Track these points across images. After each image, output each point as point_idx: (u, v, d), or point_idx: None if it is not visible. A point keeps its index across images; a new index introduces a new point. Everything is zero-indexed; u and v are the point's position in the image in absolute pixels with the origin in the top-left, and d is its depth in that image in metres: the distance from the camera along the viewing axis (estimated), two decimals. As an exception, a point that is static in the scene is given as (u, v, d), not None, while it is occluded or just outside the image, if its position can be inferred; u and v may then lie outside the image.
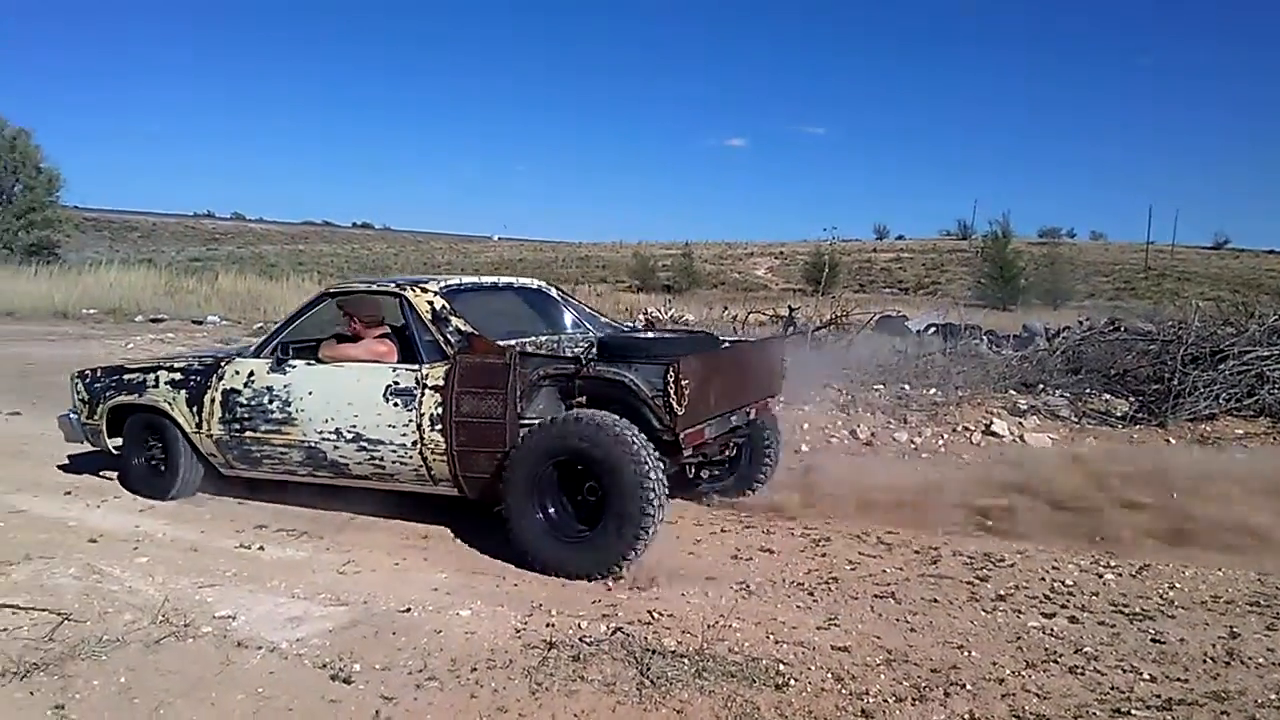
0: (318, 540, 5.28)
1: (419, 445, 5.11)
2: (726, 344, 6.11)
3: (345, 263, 49.11)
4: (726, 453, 5.82)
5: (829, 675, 3.48)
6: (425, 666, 3.53)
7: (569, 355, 5.60)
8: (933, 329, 13.47)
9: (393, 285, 5.66)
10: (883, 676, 3.48)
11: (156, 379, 6.04)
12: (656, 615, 4.11)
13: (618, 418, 4.71)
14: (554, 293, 6.84)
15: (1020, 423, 8.33)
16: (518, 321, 6.22)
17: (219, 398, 5.74)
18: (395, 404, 5.16)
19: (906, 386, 9.46)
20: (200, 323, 19.03)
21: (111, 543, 5.07)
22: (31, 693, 3.19)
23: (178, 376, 5.97)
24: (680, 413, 4.61)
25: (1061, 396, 8.95)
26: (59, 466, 6.91)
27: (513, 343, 5.30)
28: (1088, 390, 9.08)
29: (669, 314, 11.63)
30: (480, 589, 4.48)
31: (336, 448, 5.37)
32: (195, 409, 5.83)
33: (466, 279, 6.19)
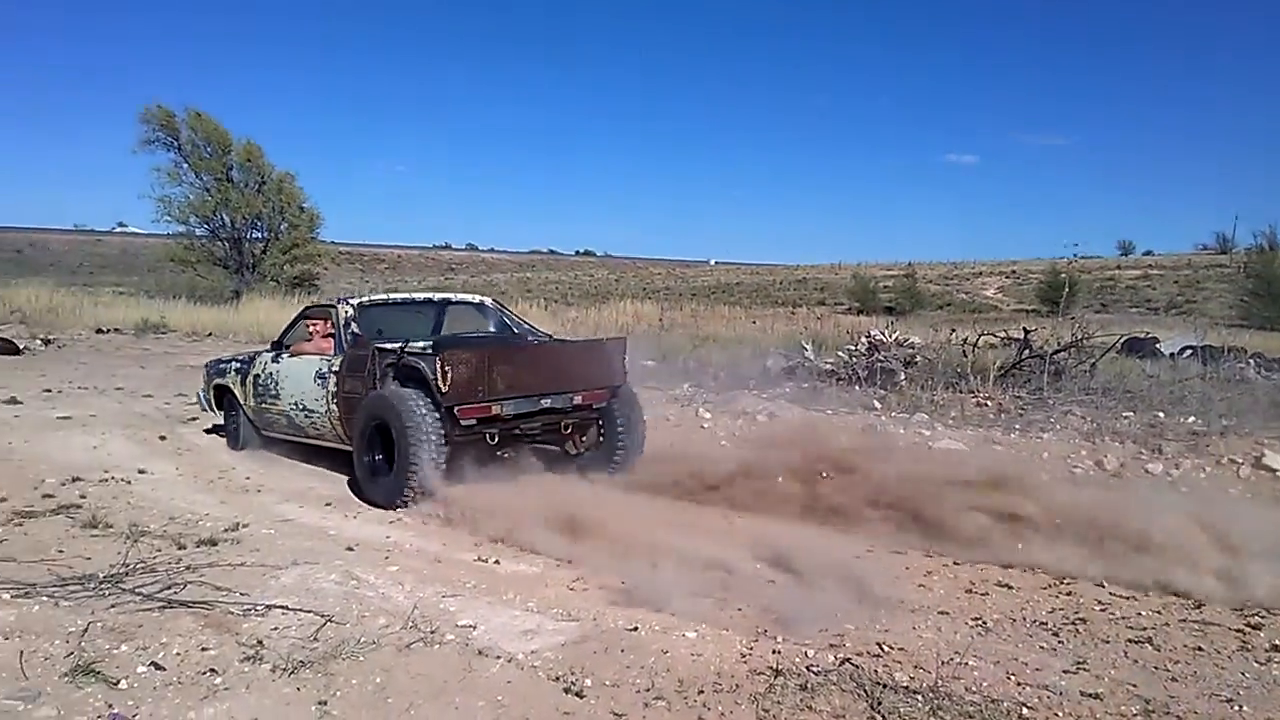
0: (549, 557, 5.48)
1: (329, 413, 7.17)
2: (535, 342, 7.95)
3: (568, 289, 51.01)
4: (567, 431, 7.19)
5: (1078, 723, 3.24)
6: (653, 686, 3.57)
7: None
8: (1189, 352, 12.39)
9: (334, 301, 7.88)
10: (1140, 729, 3.21)
11: (229, 367, 8.60)
12: (886, 648, 3.98)
13: (410, 393, 6.42)
14: (489, 304, 8.74)
15: (1298, 455, 7.48)
16: (423, 328, 8.07)
17: (251, 380, 8.18)
18: (319, 383, 7.26)
19: (1160, 414, 8.73)
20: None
21: (366, 551, 5.47)
22: (299, 688, 3.47)
23: (237, 365, 8.50)
24: (445, 390, 6.26)
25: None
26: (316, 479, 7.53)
27: (385, 344, 6.95)
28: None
29: (893, 337, 11.28)
30: (704, 612, 4.50)
31: (296, 415, 7.62)
32: (242, 388, 8.29)
33: (394, 296, 9.33)
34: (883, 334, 11.47)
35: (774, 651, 3.94)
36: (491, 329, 8.35)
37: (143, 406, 10.77)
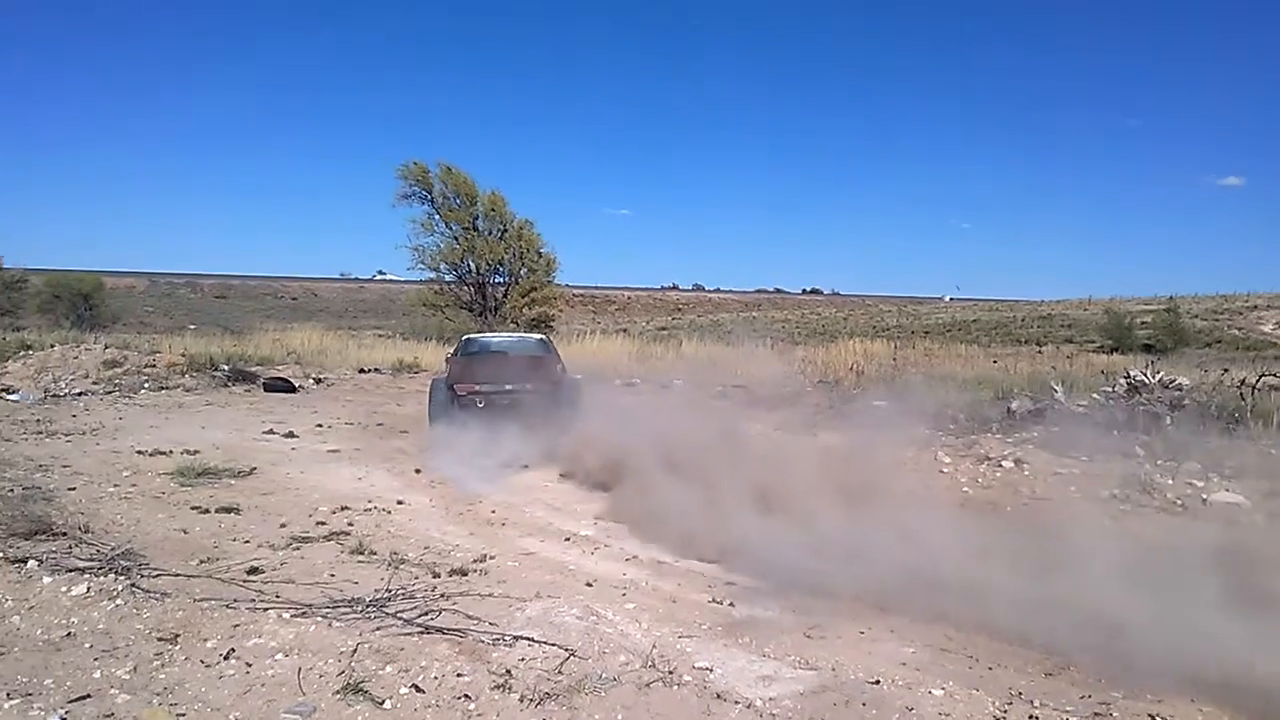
0: (783, 601, 5.39)
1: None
2: (511, 355, 12.93)
3: (795, 327, 50.57)
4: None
5: None
6: (899, 744, 3.42)
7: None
8: None
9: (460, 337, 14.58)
10: None
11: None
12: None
13: (441, 380, 12.53)
14: (534, 339, 14.21)
15: None
16: (498, 352, 13.22)
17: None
18: (439, 389, 12.18)
19: None
20: (666, 387, 20.59)
21: (604, 588, 5.60)
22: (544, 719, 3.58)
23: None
24: (448, 378, 12.10)
25: None
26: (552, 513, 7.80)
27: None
28: None
29: (1156, 377, 10.36)
30: (951, 669, 4.27)
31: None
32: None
33: (492, 335, 15.44)
34: (1144, 374, 10.55)
35: (1030, 717, 3.67)
36: (535, 352, 13.17)
37: (400, 441, 11.59)
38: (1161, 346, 32.73)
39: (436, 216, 34.02)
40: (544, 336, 14.97)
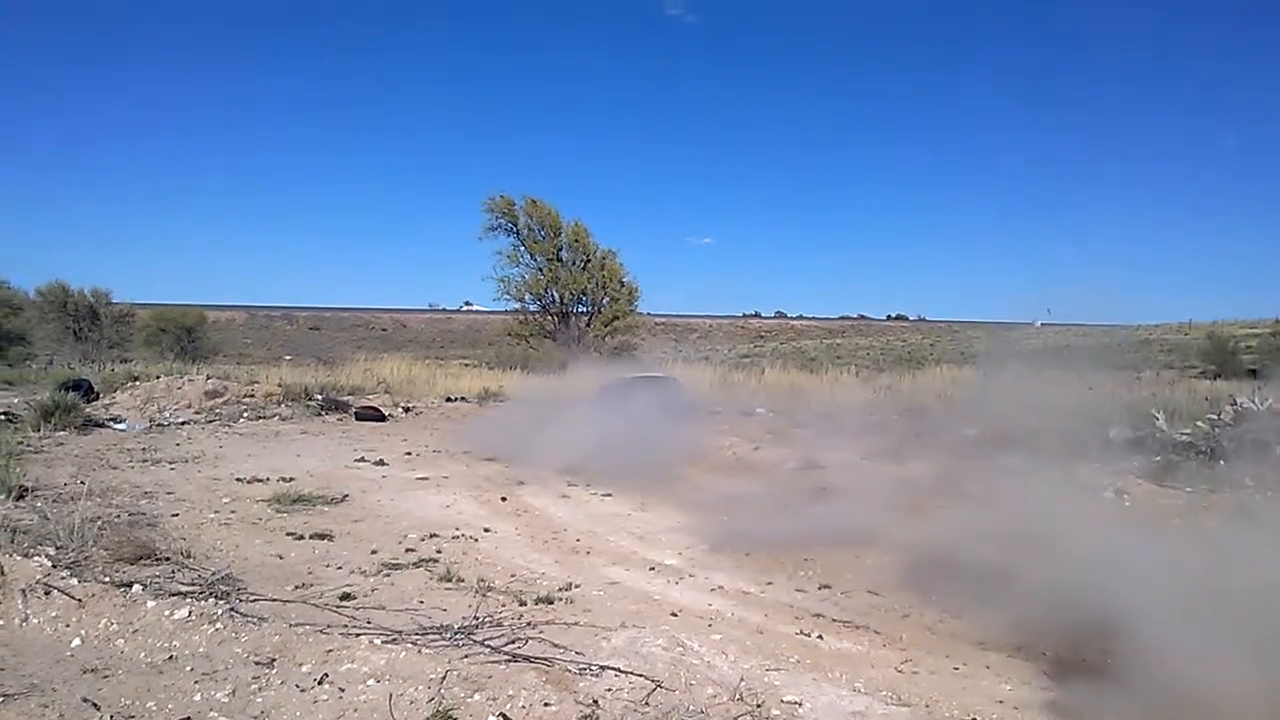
0: (874, 634, 5.28)
1: None
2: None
3: (880, 354, 49.84)
4: None
5: None
6: (998, 786, 3.30)
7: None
8: None
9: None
10: None
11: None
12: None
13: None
14: (659, 373, 19.33)
15: None
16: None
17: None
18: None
19: None
20: (749, 414, 20.44)
21: (689, 618, 5.56)
22: (633, 751, 3.56)
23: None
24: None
25: None
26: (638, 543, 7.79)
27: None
28: None
29: (1266, 404, 9.90)
30: (1055, 707, 4.12)
31: None
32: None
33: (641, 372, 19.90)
34: (1251, 401, 10.09)
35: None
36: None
37: (486, 470, 11.74)
38: (1269, 372, 31.20)
39: (521, 248, 34.65)
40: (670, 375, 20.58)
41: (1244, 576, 4.96)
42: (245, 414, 17.10)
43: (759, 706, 3.98)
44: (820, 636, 5.26)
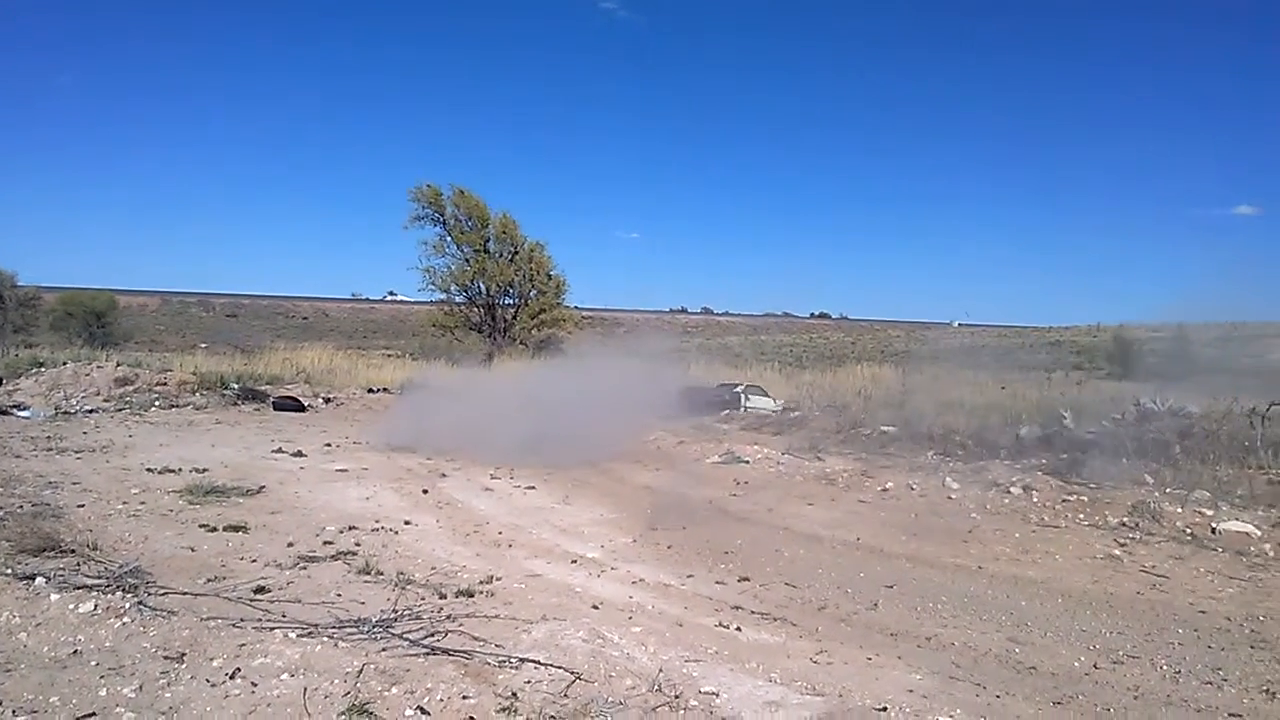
0: (791, 626, 5.37)
1: None
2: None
3: (803, 351, 50.52)
4: None
5: None
6: (906, 772, 3.39)
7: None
8: None
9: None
10: None
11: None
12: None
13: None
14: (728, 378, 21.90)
15: None
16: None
17: None
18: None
19: None
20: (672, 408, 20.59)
21: (610, 610, 5.58)
22: (550, 745, 3.56)
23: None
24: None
25: None
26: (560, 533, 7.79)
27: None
28: None
29: (1166, 405, 10.33)
30: (959, 696, 4.25)
31: None
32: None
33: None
34: (1152, 402, 10.52)
35: (1039, 746, 3.64)
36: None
37: (408, 462, 11.60)
38: (1171, 374, 32.41)
39: (448, 238, 34.26)
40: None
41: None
42: (157, 403, 16.63)
43: (677, 697, 4.02)
44: (739, 628, 5.33)
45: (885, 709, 4.01)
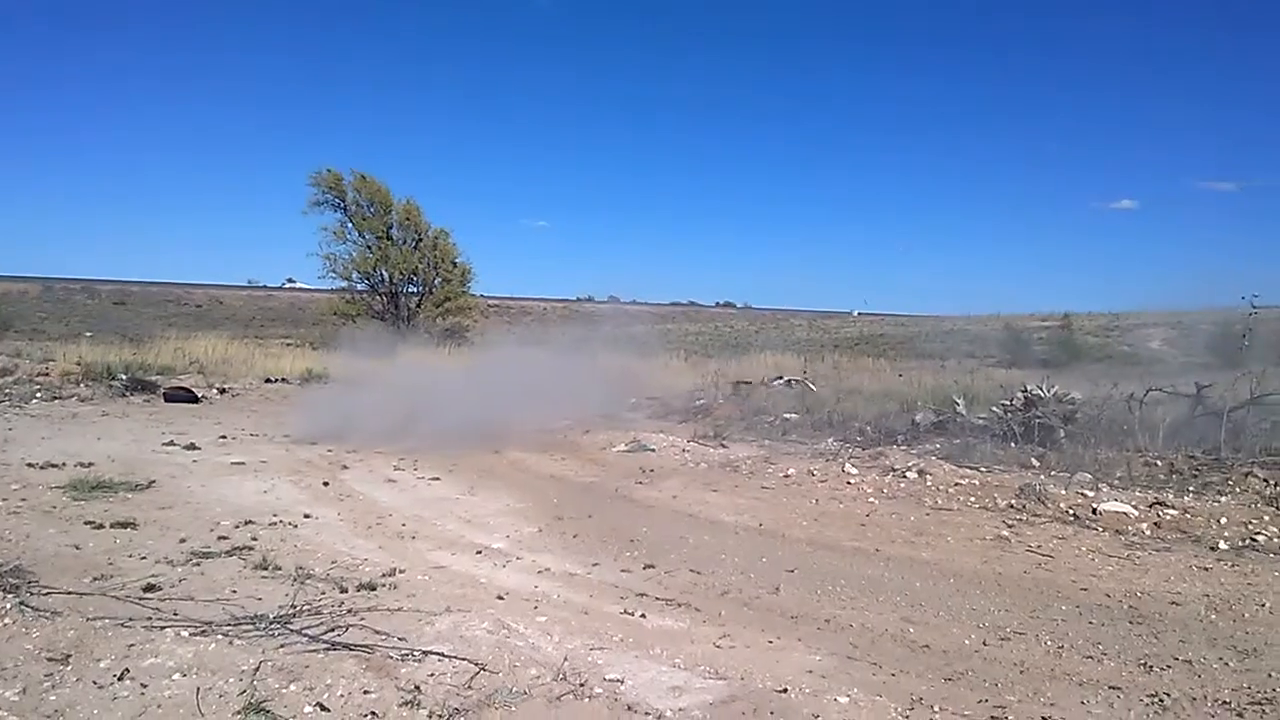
0: (695, 612, 5.45)
1: None
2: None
3: (709, 340, 51.12)
4: None
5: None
6: (805, 751, 3.48)
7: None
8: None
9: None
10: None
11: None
12: (1053, 723, 3.76)
13: None
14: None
15: None
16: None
17: None
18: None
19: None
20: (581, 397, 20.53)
21: (516, 601, 5.57)
22: (454, 735, 3.55)
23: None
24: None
25: None
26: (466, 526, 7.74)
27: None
28: None
29: (1051, 391, 10.79)
30: (856, 675, 4.37)
31: None
32: None
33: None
34: (1039, 388, 10.98)
35: (931, 721, 3.78)
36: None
37: (307, 454, 11.33)
38: (1057, 362, 33.83)
39: (349, 225, 33.63)
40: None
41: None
42: (39, 394, 15.85)
43: (582, 685, 4.05)
44: (644, 615, 5.37)
45: (786, 690, 4.10)
